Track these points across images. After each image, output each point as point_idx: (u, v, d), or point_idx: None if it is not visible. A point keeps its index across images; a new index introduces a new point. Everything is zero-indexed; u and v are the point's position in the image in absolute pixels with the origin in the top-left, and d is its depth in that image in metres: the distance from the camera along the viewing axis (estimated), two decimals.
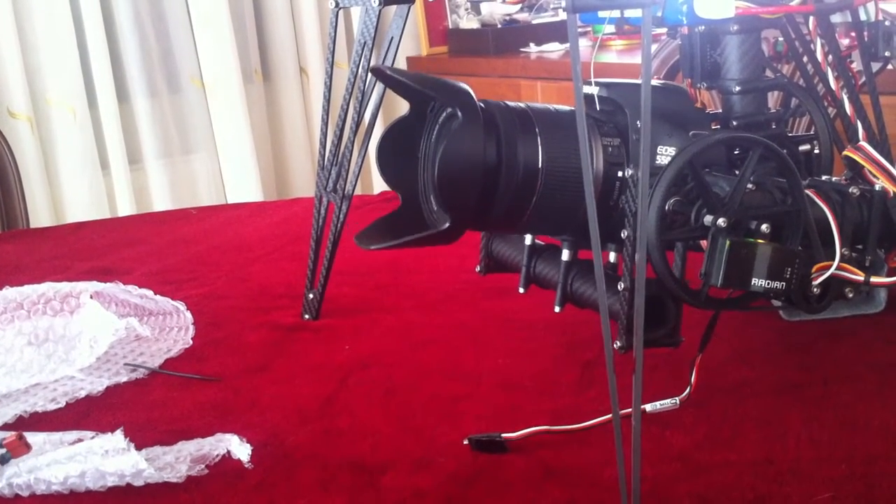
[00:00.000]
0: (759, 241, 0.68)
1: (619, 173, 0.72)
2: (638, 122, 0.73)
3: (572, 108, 0.75)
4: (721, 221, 0.68)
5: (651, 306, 0.71)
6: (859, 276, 0.74)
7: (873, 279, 0.74)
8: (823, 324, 0.87)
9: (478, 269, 0.87)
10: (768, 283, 0.68)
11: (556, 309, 0.79)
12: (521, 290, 0.83)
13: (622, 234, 0.72)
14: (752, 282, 0.68)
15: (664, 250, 0.70)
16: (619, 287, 0.73)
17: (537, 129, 0.71)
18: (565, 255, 0.78)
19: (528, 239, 0.82)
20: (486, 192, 0.69)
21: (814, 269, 0.72)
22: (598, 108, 0.75)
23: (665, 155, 0.73)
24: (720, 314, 0.75)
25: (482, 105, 0.70)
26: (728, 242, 0.67)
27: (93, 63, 2.32)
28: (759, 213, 0.70)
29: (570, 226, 0.75)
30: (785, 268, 0.69)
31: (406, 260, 1.14)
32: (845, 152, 0.80)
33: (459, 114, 0.68)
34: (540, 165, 0.70)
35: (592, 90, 0.75)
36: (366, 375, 0.86)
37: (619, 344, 0.72)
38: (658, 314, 0.72)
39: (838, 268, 0.73)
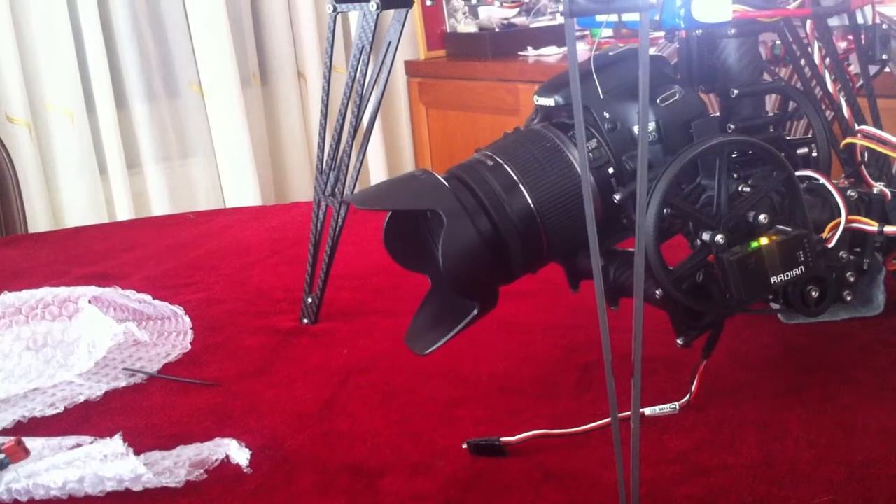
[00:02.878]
0: (762, 240, 0.68)
1: (610, 170, 0.72)
2: (606, 113, 0.72)
3: (535, 130, 0.74)
4: (719, 238, 0.68)
5: (695, 292, 0.71)
6: (872, 226, 0.74)
7: (887, 228, 0.74)
8: (822, 326, 0.87)
9: None
10: (787, 275, 0.68)
11: (612, 308, 0.78)
12: (574, 291, 0.82)
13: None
14: (773, 281, 0.68)
15: (673, 281, 0.69)
16: (656, 293, 0.72)
17: (515, 177, 0.70)
18: None
19: None
20: (497, 261, 0.69)
21: (826, 232, 0.72)
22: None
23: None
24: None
25: (454, 177, 0.70)
26: (734, 260, 0.67)
27: (91, 68, 2.33)
28: (752, 202, 0.70)
29: (586, 238, 0.74)
30: (797, 253, 0.68)
31: None
32: (845, 140, 0.80)
33: (441, 213, 0.67)
34: (533, 208, 0.70)
35: (549, 101, 0.75)
36: (364, 379, 0.86)
37: (680, 342, 0.71)
38: (704, 295, 0.72)
39: (850, 220, 0.72)
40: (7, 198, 1.70)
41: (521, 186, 0.70)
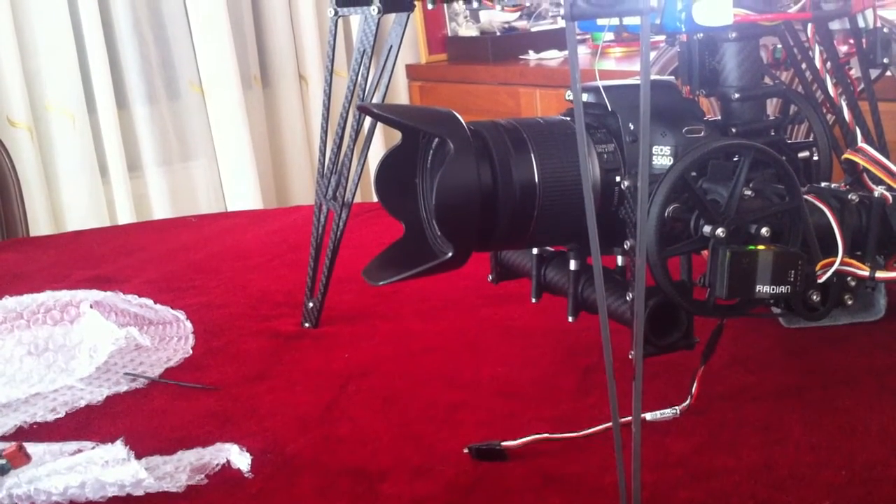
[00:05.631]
0: (760, 247, 0.68)
1: (617, 178, 0.72)
2: (631, 125, 0.73)
3: (561, 118, 0.75)
4: (720, 231, 0.68)
5: (664, 311, 0.71)
6: (864, 271, 0.74)
7: (878, 274, 0.74)
8: (823, 330, 0.87)
9: (490, 278, 0.87)
10: (773, 289, 0.68)
11: (570, 318, 0.79)
12: (534, 300, 0.83)
13: (625, 245, 0.72)
14: (757, 289, 0.68)
15: (665, 261, 0.70)
16: (627, 297, 0.73)
17: (529, 146, 0.71)
18: (573, 264, 0.78)
19: (535, 248, 0.82)
20: (486, 215, 0.70)
21: (818, 267, 0.72)
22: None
23: (661, 155, 0.73)
24: (722, 323, 0.75)
25: (471, 128, 0.70)
26: (729, 254, 0.67)
27: (92, 70, 2.32)
28: (758, 216, 0.70)
29: (574, 235, 0.75)
30: (788, 271, 0.68)
31: None
32: (845, 155, 0.80)
33: (450, 144, 0.68)
34: (536, 181, 0.70)
35: (584, 97, 0.76)
36: (365, 383, 0.86)
37: (632, 355, 0.72)
38: (671, 319, 0.72)
39: (842, 263, 0.72)
40: (8, 200, 1.70)
41: (531, 153, 0.71)
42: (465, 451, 0.71)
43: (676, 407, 0.74)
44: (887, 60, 0.84)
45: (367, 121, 0.99)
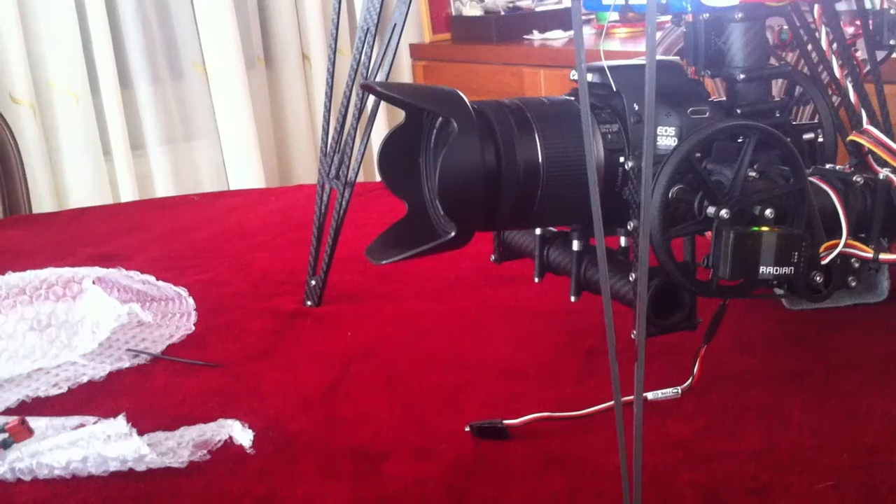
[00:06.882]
0: (764, 228, 0.68)
1: (621, 159, 0.72)
2: (636, 105, 0.73)
3: (566, 98, 0.75)
4: (724, 213, 0.68)
5: (666, 292, 0.71)
6: (868, 253, 0.73)
7: (882, 256, 0.74)
8: (825, 313, 0.87)
9: (493, 258, 0.87)
10: (776, 270, 0.68)
11: (572, 299, 0.79)
12: (537, 280, 0.83)
13: (629, 226, 0.72)
14: (760, 270, 0.68)
15: (669, 242, 0.70)
16: (630, 277, 0.73)
17: (533, 126, 0.71)
18: (576, 244, 0.78)
19: (537, 228, 0.82)
20: (489, 195, 0.70)
21: (822, 249, 0.72)
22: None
23: (665, 136, 0.73)
24: (724, 304, 0.75)
25: (475, 107, 0.70)
26: (732, 235, 0.67)
27: (95, 49, 2.32)
28: (762, 197, 0.70)
29: (577, 215, 0.75)
30: (792, 253, 0.68)
31: None
32: (850, 137, 0.80)
33: (454, 123, 0.68)
34: (540, 161, 0.70)
35: (588, 77, 0.75)
36: (367, 363, 0.86)
37: (634, 334, 0.72)
38: (674, 299, 0.72)
39: (846, 245, 0.72)
40: (11, 178, 1.70)
41: (535, 134, 0.70)
42: (467, 429, 0.72)
43: (678, 386, 0.74)
44: (894, 42, 0.84)
45: (371, 100, 0.99)
